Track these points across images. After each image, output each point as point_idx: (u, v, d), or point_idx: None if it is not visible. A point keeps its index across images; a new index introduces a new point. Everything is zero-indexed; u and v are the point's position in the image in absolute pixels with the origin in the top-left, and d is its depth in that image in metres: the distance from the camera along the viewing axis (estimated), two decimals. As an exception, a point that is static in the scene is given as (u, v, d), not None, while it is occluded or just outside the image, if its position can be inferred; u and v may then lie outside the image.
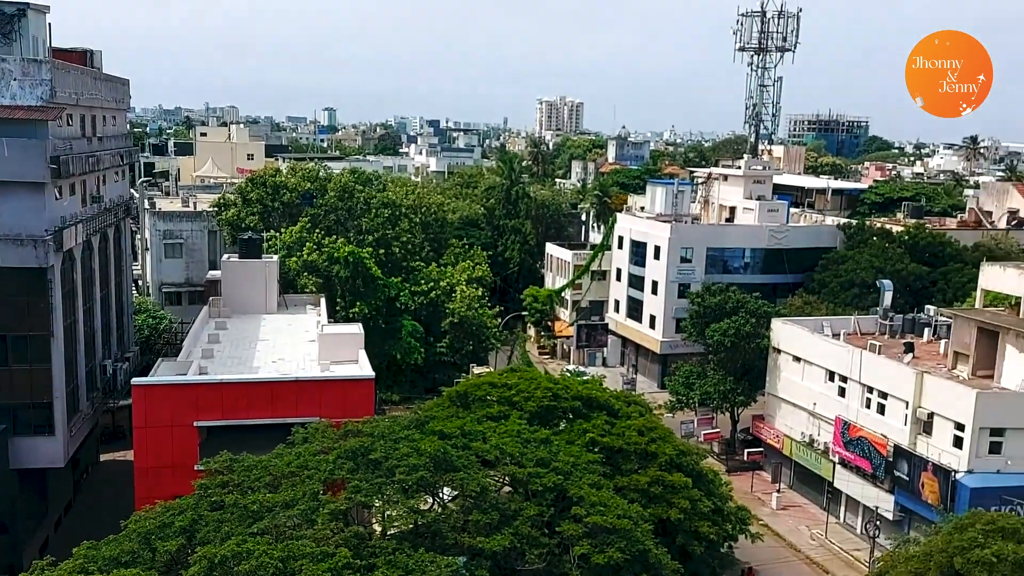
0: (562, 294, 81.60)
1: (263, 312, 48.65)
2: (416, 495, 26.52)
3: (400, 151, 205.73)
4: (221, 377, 35.36)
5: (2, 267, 36.18)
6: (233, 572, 21.87)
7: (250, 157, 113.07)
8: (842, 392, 47.21)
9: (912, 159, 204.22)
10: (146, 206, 66.98)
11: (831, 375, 48.06)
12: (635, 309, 72.57)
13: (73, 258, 40.42)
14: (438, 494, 28.06)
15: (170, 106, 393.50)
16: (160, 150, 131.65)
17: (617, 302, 75.78)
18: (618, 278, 75.57)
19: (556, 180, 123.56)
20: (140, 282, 69.15)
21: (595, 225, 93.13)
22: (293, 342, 43.20)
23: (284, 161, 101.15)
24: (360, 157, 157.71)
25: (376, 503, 26.76)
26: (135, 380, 34.76)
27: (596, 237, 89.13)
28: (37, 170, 36.09)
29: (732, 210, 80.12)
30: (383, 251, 61.13)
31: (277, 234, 59.05)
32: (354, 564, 22.96)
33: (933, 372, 43.53)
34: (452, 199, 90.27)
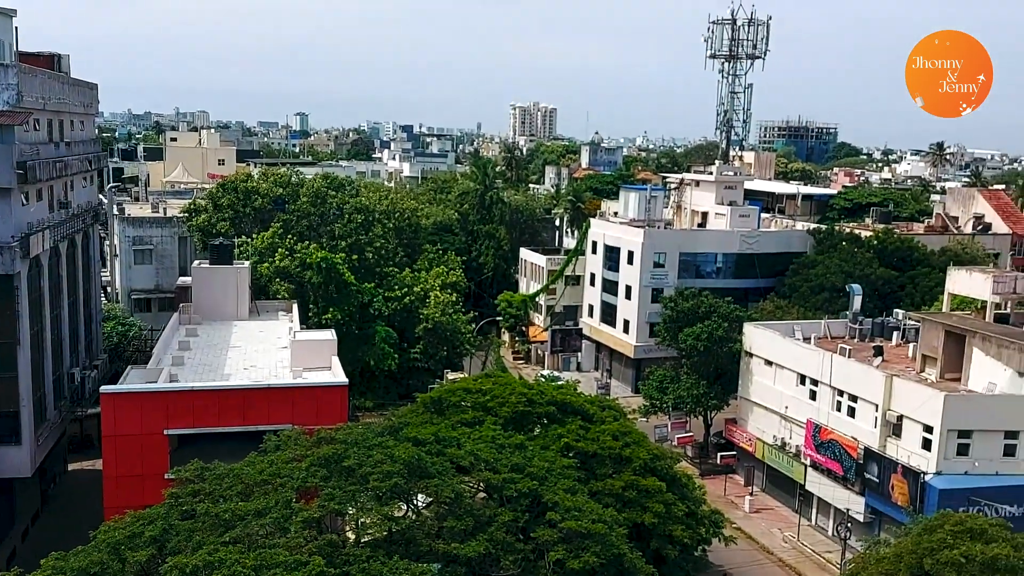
0: (536, 299, 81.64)
1: (235, 319, 48.21)
2: (390, 502, 26.36)
3: (373, 156, 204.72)
4: (192, 385, 35.02)
5: (-33, 274, 35.59)
6: (205, 582, 21.65)
7: (221, 162, 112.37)
8: (813, 395, 47.62)
9: (880, 165, 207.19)
10: (115, 212, 66.06)
11: (802, 379, 48.46)
12: (609, 314, 72.85)
13: (40, 265, 39.86)
14: (412, 501, 27.90)
15: (140, 111, 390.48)
16: (129, 155, 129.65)
17: (591, 307, 76.04)
18: (592, 283, 75.84)
19: (530, 185, 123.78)
20: (109, 289, 68.20)
21: (569, 230, 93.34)
22: (265, 349, 42.83)
23: (256, 166, 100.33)
24: (333, 162, 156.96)
25: (350, 510, 26.54)
26: (104, 388, 34.28)
27: (570, 242, 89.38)
28: (3, 175, 35.54)
29: (704, 215, 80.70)
30: (356, 257, 60.77)
31: (249, 240, 58.56)
32: (328, 572, 22.78)
33: (902, 375, 44.07)
34: (426, 204, 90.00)
